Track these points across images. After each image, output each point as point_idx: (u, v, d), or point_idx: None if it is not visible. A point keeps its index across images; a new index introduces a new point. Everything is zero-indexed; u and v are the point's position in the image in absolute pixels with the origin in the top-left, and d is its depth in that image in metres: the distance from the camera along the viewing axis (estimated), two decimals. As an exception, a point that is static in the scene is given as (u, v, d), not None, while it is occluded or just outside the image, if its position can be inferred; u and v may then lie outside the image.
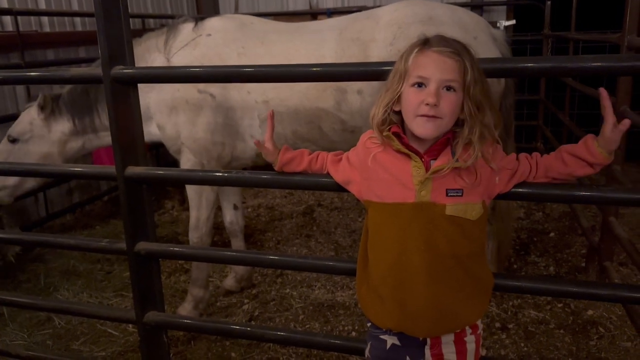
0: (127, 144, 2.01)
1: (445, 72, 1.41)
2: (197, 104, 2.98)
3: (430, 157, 1.47)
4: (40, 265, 4.16)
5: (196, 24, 3.13)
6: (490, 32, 2.99)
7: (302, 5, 7.26)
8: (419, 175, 1.46)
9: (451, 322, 1.55)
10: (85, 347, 3.14)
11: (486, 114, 1.45)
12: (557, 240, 4.25)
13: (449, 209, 1.46)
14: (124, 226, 2.09)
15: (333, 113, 2.91)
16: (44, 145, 3.28)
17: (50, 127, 3.28)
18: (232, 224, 3.70)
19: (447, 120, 1.43)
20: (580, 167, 1.53)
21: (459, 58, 1.42)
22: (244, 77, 2.06)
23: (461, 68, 1.41)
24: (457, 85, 1.42)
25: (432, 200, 1.47)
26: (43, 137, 3.28)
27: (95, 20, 1.88)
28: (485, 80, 1.48)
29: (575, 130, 4.22)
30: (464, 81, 1.41)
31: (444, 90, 1.42)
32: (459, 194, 1.46)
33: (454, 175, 1.46)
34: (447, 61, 1.41)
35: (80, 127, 3.26)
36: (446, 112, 1.42)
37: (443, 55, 1.42)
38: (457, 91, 1.42)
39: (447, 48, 1.42)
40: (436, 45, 1.43)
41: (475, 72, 1.43)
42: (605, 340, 2.98)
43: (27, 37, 4.62)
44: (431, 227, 1.48)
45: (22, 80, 2.86)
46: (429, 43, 1.45)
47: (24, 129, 3.28)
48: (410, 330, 1.56)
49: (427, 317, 1.52)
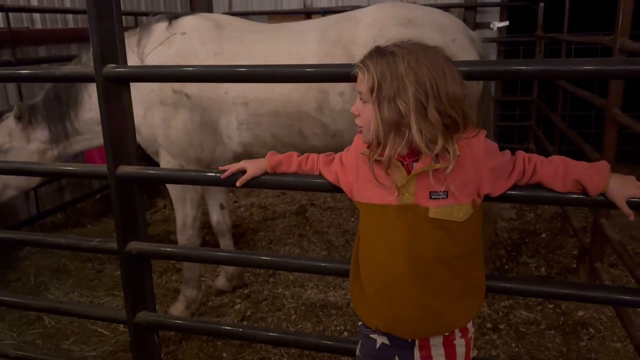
0: (119, 143, 2.00)
1: (357, 84, 1.48)
2: (172, 104, 2.93)
3: (412, 160, 1.46)
4: (30, 264, 4.13)
5: (170, 23, 3.09)
6: (468, 33, 3.00)
7: (296, 5, 7.25)
8: (401, 178, 1.46)
9: (438, 325, 1.55)
10: (76, 347, 3.12)
11: (422, 117, 1.37)
12: (548, 241, 4.27)
13: (432, 211, 1.45)
14: (115, 226, 2.08)
15: (314, 116, 2.88)
16: (24, 155, 3.23)
17: (29, 137, 3.24)
18: (219, 223, 3.67)
19: (367, 128, 1.46)
20: (577, 190, 1.55)
21: (363, 68, 1.43)
22: (238, 77, 2.05)
23: (365, 79, 1.43)
24: (364, 97, 1.44)
25: (416, 202, 1.46)
26: (22, 147, 3.24)
27: (88, 19, 1.87)
28: (415, 82, 1.37)
29: (567, 132, 4.25)
30: (370, 91, 1.41)
31: (361, 101, 1.47)
32: (442, 197, 1.45)
33: (437, 177, 1.43)
34: (359, 74, 1.46)
35: (56, 135, 3.22)
36: (363, 122, 1.47)
37: (357, 68, 1.47)
38: (367, 102, 1.44)
39: (360, 61, 1.46)
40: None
41: (390, 80, 1.38)
42: (595, 340, 3.00)
43: (19, 34, 4.58)
44: (415, 229, 1.47)
45: (13, 79, 2.83)
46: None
47: (2, 140, 3.23)
48: (397, 331, 1.56)
49: (412, 318, 1.52)
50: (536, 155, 1.58)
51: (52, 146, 3.26)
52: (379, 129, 1.40)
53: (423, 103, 1.37)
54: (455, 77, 1.41)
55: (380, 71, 1.40)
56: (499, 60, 2.19)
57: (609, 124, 3.11)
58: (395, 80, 1.38)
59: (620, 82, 3.09)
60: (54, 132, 3.21)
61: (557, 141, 4.89)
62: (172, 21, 3.10)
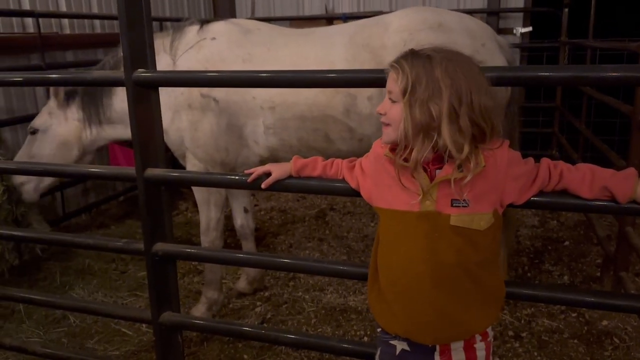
0: (147, 145, 2.05)
1: (388, 83, 1.48)
2: (200, 108, 2.97)
3: (435, 167, 1.47)
4: (56, 264, 4.21)
5: (201, 27, 3.14)
6: (497, 39, 2.98)
7: (318, 10, 7.29)
8: (424, 185, 1.47)
9: (458, 330, 1.55)
10: (100, 346, 3.17)
11: (453, 122, 1.38)
12: (571, 249, 4.22)
13: (454, 219, 1.46)
14: (142, 227, 2.12)
15: (341, 120, 2.88)
16: (61, 133, 3.38)
17: (67, 115, 3.38)
18: (242, 227, 3.70)
19: (393, 128, 1.46)
20: (605, 197, 1.54)
21: (397, 69, 1.44)
22: (263, 83, 2.08)
23: (398, 79, 1.43)
24: (394, 96, 1.45)
25: (437, 209, 1.47)
26: (60, 124, 3.39)
27: (119, 25, 1.92)
28: (450, 87, 1.38)
29: (592, 139, 4.19)
30: (403, 92, 1.42)
31: (390, 101, 1.47)
32: (464, 205, 1.45)
33: (459, 185, 1.43)
34: (391, 74, 1.47)
35: (89, 117, 3.34)
36: (390, 120, 1.47)
37: (390, 67, 1.48)
38: (397, 102, 1.45)
39: (394, 61, 1.47)
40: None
41: (426, 83, 1.39)
42: (620, 351, 2.95)
43: (48, 39, 4.69)
44: (436, 236, 1.48)
45: (44, 82, 2.91)
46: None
47: (43, 119, 3.41)
48: (417, 336, 1.56)
49: (432, 324, 1.53)
50: (562, 162, 1.58)
51: (85, 127, 3.38)
52: (409, 130, 1.41)
53: (456, 109, 1.38)
54: (488, 89, 1.43)
55: (415, 73, 1.41)
56: (527, 66, 2.18)
57: (636, 131, 3.07)
58: (431, 83, 1.39)
59: (647, 89, 3.04)
60: (88, 113, 3.33)
61: (581, 148, 4.83)
62: (203, 25, 3.16)
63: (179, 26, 3.21)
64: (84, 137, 3.40)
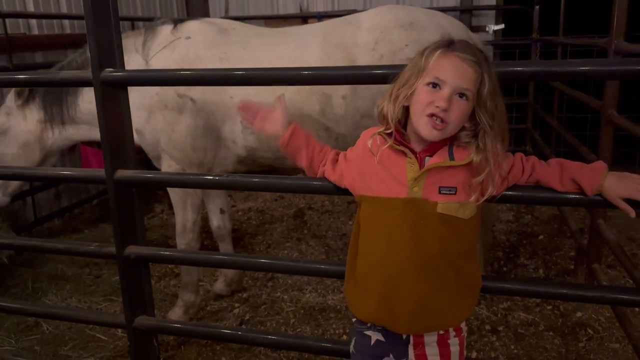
0: (117, 147, 2.01)
1: (463, 79, 1.42)
2: (176, 108, 2.93)
3: (425, 155, 1.49)
4: (28, 270, 4.11)
5: (175, 26, 3.10)
6: (469, 36, 3.01)
7: (293, 9, 7.27)
8: (413, 172, 1.48)
9: (433, 321, 1.56)
10: (74, 352, 3.10)
11: (495, 125, 1.46)
12: (546, 243, 4.28)
13: (441, 206, 1.48)
14: (113, 230, 2.08)
15: (317, 119, 2.89)
16: (21, 134, 3.29)
17: (26, 115, 3.29)
18: (219, 228, 3.66)
19: (453, 126, 1.45)
20: (574, 190, 1.57)
21: (478, 69, 1.43)
22: (233, 80, 2.05)
23: (478, 78, 1.43)
24: (470, 95, 1.43)
25: (424, 197, 1.48)
26: (19, 125, 3.29)
27: (85, 24, 1.87)
28: (500, 93, 1.48)
29: (564, 134, 4.26)
30: (478, 91, 1.43)
31: (457, 96, 1.43)
32: (452, 192, 1.48)
33: (448, 173, 1.47)
34: (467, 69, 1.42)
35: (51, 117, 3.25)
36: (453, 119, 1.43)
37: (465, 62, 1.42)
38: (469, 100, 1.44)
39: (470, 56, 1.43)
40: (460, 51, 1.44)
41: (493, 85, 1.44)
42: (594, 341, 3.00)
43: (15, 40, 4.57)
44: (421, 223, 1.49)
45: (11, 83, 2.83)
46: (452, 46, 1.45)
47: (1, 120, 3.31)
48: (391, 324, 1.57)
49: (409, 312, 1.54)
50: (534, 156, 1.62)
51: (47, 127, 3.28)
52: (486, 120, 1.46)
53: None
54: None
55: (488, 70, 1.45)
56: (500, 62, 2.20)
57: (605, 125, 3.13)
58: (493, 84, 1.46)
59: (616, 84, 3.10)
60: (49, 113, 3.23)
61: (554, 143, 4.91)
62: (177, 25, 3.11)
63: (151, 26, 3.16)
64: (45, 137, 3.32)
